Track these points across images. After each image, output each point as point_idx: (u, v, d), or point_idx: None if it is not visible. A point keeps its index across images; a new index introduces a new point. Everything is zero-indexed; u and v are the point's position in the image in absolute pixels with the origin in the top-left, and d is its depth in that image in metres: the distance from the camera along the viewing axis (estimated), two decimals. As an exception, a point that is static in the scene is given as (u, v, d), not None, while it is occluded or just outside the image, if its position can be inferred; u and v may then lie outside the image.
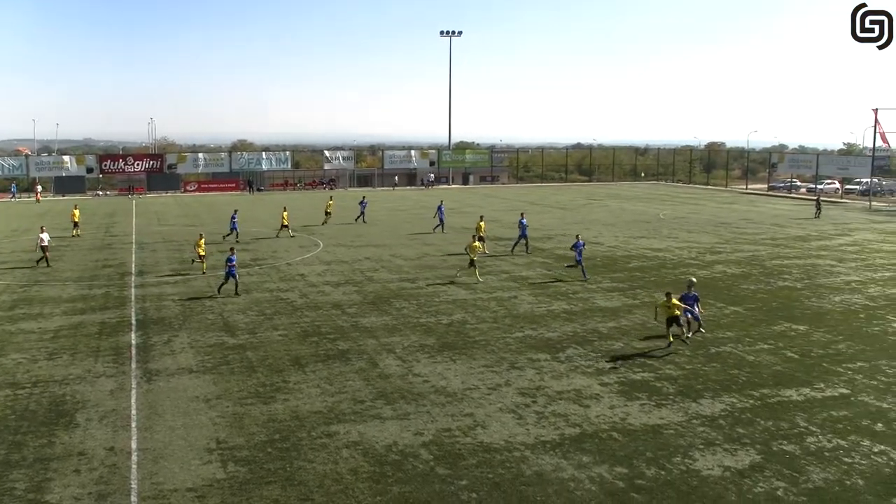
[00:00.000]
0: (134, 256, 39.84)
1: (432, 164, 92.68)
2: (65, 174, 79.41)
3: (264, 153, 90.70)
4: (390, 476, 14.50)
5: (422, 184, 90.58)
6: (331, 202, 54.95)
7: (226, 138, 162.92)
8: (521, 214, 43.84)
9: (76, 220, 47.84)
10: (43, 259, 36.34)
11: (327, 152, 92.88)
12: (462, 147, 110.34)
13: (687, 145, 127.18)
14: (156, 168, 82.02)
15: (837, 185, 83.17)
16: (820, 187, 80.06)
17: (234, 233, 44.46)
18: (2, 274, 34.92)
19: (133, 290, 31.40)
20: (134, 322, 26.11)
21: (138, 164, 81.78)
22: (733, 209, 65.47)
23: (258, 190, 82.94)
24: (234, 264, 29.78)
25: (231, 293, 29.81)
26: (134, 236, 47.47)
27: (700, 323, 24.45)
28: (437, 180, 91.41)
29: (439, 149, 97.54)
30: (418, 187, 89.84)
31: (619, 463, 15.07)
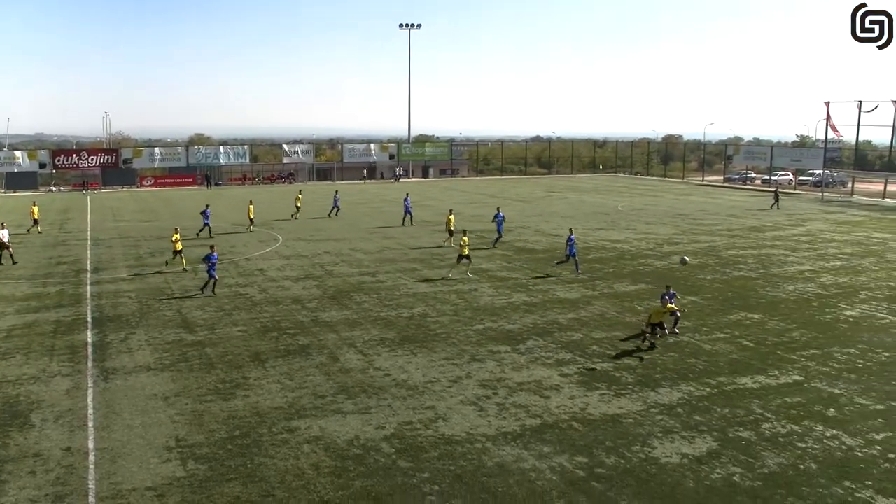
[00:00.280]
0: (89, 253, 39.21)
1: (392, 157, 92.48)
2: (17, 170, 77.55)
3: (222, 147, 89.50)
4: (352, 470, 14.49)
5: (392, 177, 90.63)
6: (300, 196, 54.66)
7: (182, 132, 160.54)
8: (497, 209, 43.96)
9: (36, 217, 46.90)
10: (7, 256, 35.68)
11: (286, 146, 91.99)
12: (422, 140, 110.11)
13: (644, 138, 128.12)
14: (111, 163, 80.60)
15: (791, 176, 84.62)
16: (775, 178, 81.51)
17: (207, 228, 43.93)
18: (-48, 272, 34.14)
19: (89, 287, 30.91)
20: (90, 320, 25.72)
21: (93, 159, 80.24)
22: (690, 201, 66.30)
23: (216, 184, 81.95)
24: (213, 263, 29.18)
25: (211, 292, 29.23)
26: (89, 233, 46.69)
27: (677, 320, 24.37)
28: (403, 173, 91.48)
29: (399, 142, 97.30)
30: (387, 180, 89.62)
31: (579, 452, 15.23)
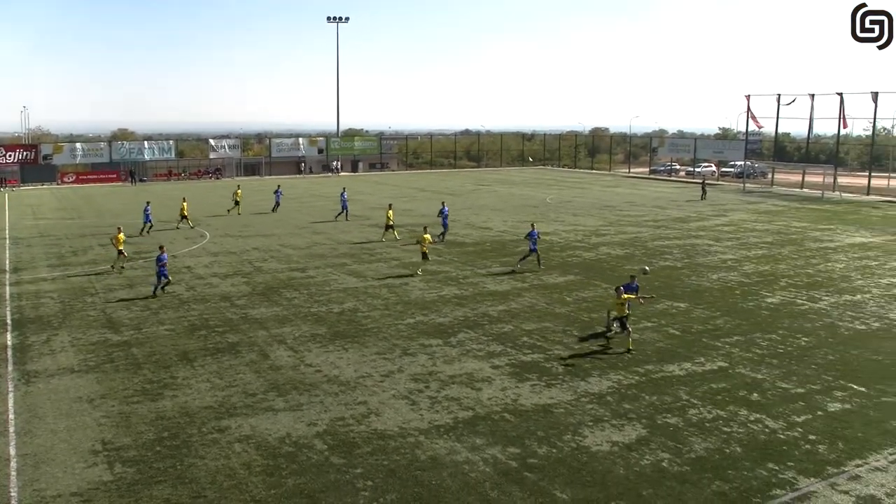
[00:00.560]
0: (8, 253, 37.89)
1: (321, 151, 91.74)
2: (-72, 166, 74.68)
3: (146, 142, 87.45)
4: (284, 468, 14.37)
5: (329, 171, 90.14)
6: (239, 191, 53.65)
7: (105, 128, 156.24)
8: (441, 203, 43.84)
9: None
10: None
11: (213, 141, 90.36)
12: (351, 134, 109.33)
13: (572, 131, 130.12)
14: (30, 159, 78.01)
15: (714, 168, 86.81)
16: (699, 170, 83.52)
17: (149, 225, 42.91)
18: None
19: (8, 287, 29.87)
20: (9, 322, 24.86)
21: (10, 156, 77.46)
22: (617, 192, 67.46)
23: (140, 181, 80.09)
24: (164, 263, 28.32)
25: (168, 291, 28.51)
26: (7, 231, 45.11)
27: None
28: (341, 167, 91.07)
29: (328, 136, 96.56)
30: (316, 175, 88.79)
31: (511, 443, 15.39)
